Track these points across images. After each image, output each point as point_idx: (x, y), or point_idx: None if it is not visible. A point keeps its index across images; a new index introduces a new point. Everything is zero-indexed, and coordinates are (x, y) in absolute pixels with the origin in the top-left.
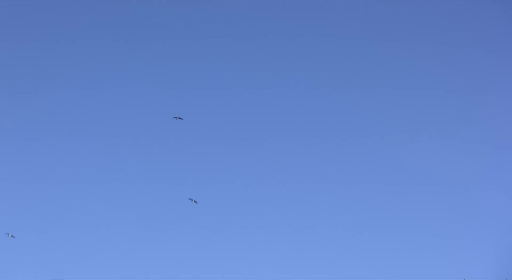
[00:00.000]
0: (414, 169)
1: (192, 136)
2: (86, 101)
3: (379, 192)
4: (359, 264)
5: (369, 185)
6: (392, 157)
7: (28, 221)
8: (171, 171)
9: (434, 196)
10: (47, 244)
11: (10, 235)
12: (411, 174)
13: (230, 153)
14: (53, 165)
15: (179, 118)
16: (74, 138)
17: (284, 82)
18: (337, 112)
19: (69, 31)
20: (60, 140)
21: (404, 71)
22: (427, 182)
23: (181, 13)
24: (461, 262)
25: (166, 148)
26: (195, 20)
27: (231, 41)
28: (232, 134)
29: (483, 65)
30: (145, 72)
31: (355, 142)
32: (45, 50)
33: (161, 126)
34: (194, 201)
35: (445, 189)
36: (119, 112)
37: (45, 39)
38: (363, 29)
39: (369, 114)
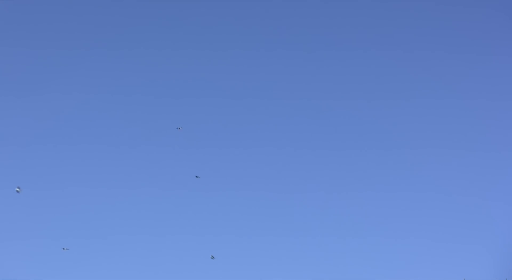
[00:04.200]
0: (414, 172)
1: (193, 142)
2: (86, 105)
3: (381, 195)
4: (361, 264)
5: (372, 188)
6: (392, 161)
7: (28, 223)
8: (171, 175)
9: (434, 198)
10: (47, 245)
11: (65, 248)
12: (411, 177)
13: (242, 158)
14: (54, 168)
15: (197, 177)
16: (74, 143)
17: (291, 91)
18: (339, 121)
19: (73, 35)
20: (61, 143)
21: (409, 78)
22: (427, 185)
23: (188, 19)
24: (461, 262)
25: (167, 153)
26: (199, 26)
27: (236, 50)
28: (241, 140)
29: (492, 71)
30: (147, 77)
31: (358, 149)
32: (47, 53)
33: (162, 131)
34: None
35: (445, 191)
36: (119, 117)
37: (49, 43)
38: (368, 37)
39: (371, 122)
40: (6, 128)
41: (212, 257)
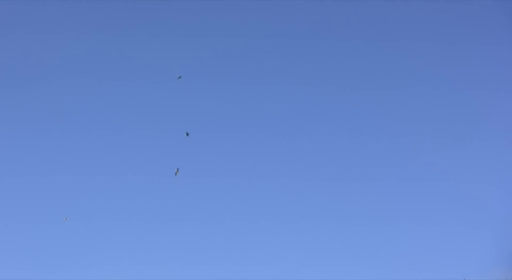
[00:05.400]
0: (412, 168)
1: (192, 133)
2: (86, 99)
3: (378, 192)
4: (358, 264)
5: (369, 184)
6: (390, 155)
7: (27, 219)
8: (170, 167)
9: (433, 196)
10: (46, 242)
11: (65, 218)
12: (409, 173)
13: (239, 150)
14: (54, 162)
15: (187, 134)
16: (74, 135)
17: (288, 82)
18: (337, 112)
19: (71, 28)
20: (60, 137)
21: (406, 71)
22: (425, 182)
23: (187, 12)
24: (461, 262)
25: (166, 145)
26: (199, 18)
27: (232, 40)
28: (237, 132)
29: (486, 64)
30: (147, 69)
31: (355, 140)
32: (47, 47)
33: (162, 124)
34: (187, 134)
35: (445, 189)
36: (119, 110)
37: (48, 36)
38: (367, 30)
39: (368, 113)
40: (12, 121)
41: (187, 134)
